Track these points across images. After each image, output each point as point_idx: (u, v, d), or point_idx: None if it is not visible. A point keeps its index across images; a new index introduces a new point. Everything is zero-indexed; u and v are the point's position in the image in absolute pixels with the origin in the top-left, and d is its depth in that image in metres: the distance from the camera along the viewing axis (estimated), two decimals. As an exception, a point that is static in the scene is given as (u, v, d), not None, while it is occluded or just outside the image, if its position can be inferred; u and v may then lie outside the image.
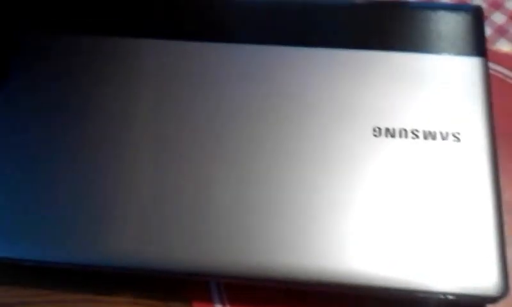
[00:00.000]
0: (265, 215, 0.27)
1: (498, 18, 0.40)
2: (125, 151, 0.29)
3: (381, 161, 0.28)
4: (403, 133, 0.29)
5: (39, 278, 0.32)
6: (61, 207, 0.28)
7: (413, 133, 0.29)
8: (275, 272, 0.27)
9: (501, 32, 0.39)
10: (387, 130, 0.29)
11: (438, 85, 0.30)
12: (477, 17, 0.33)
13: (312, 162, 0.28)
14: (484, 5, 0.40)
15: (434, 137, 0.29)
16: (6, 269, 0.32)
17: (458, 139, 0.29)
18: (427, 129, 0.29)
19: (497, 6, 0.40)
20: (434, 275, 0.26)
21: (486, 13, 0.40)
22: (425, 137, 0.29)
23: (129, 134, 0.30)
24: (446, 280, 0.26)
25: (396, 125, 0.29)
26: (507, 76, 0.37)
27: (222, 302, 0.31)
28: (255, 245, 0.27)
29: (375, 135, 0.29)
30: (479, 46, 0.31)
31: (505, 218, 0.28)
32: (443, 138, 0.29)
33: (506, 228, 0.27)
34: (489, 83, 0.30)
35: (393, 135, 0.29)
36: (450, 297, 0.26)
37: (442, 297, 0.26)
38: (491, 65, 0.37)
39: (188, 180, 0.28)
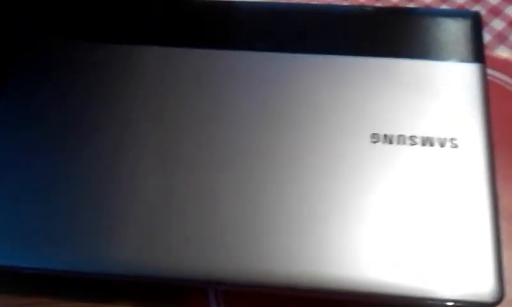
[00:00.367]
0: (263, 222, 0.27)
1: (497, 24, 0.40)
2: (128, 157, 0.29)
3: (379, 168, 0.28)
4: (401, 139, 0.29)
5: (39, 286, 0.32)
6: (61, 214, 0.28)
7: (411, 139, 0.29)
8: (275, 279, 0.27)
9: (500, 38, 0.39)
10: (385, 136, 0.29)
11: (436, 91, 0.30)
12: (476, 23, 0.32)
13: (309, 168, 0.28)
14: (483, 11, 0.40)
15: (432, 144, 0.29)
16: (6, 277, 0.32)
17: (456, 146, 0.29)
18: (425, 135, 0.29)
19: (497, 13, 0.40)
20: (430, 282, 0.26)
21: (485, 20, 0.40)
22: (423, 144, 0.29)
23: (133, 140, 0.30)
24: (442, 286, 0.26)
25: (394, 131, 0.29)
26: (506, 82, 0.37)
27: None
28: (256, 253, 0.27)
29: (373, 142, 0.29)
30: (477, 52, 0.31)
31: (503, 224, 0.27)
32: (441, 144, 0.29)
33: (504, 233, 0.27)
34: (488, 89, 0.30)
35: (391, 142, 0.29)
36: (447, 304, 0.26)
37: (439, 303, 0.26)
38: (491, 72, 0.37)
39: (191, 187, 0.28)
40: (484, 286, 0.25)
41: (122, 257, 0.27)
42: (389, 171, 0.28)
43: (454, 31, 0.32)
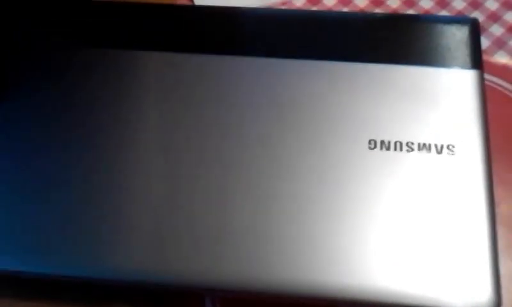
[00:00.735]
0: (260, 228, 0.27)
1: (496, 30, 0.40)
2: (131, 164, 0.29)
3: (376, 175, 0.28)
4: (398, 146, 0.29)
5: (39, 290, 0.32)
6: (62, 219, 0.28)
7: (407, 146, 0.29)
8: (273, 286, 0.27)
9: (499, 44, 0.39)
10: (382, 142, 0.29)
11: (434, 97, 0.30)
12: (474, 29, 0.32)
13: (305, 174, 0.28)
14: (482, 17, 0.40)
15: (428, 150, 0.29)
16: (6, 281, 0.32)
17: (453, 152, 0.29)
18: (422, 142, 0.29)
19: (496, 19, 0.40)
20: (427, 290, 0.26)
21: (484, 25, 0.40)
22: (420, 150, 0.29)
23: (136, 145, 0.30)
24: (439, 294, 0.26)
25: (391, 138, 0.29)
26: (505, 88, 0.37)
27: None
28: (256, 260, 0.27)
29: (370, 148, 0.29)
30: (475, 58, 0.31)
31: (502, 230, 0.27)
32: (438, 151, 0.29)
33: (503, 240, 0.27)
34: (485, 96, 0.30)
35: (388, 148, 0.29)
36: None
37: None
38: (489, 77, 0.37)
39: (190, 195, 0.28)
40: (481, 294, 0.25)
41: (121, 263, 0.27)
42: (386, 178, 0.28)
43: (451, 38, 0.32)
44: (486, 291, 0.25)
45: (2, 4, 0.34)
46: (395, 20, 0.34)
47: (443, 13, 0.41)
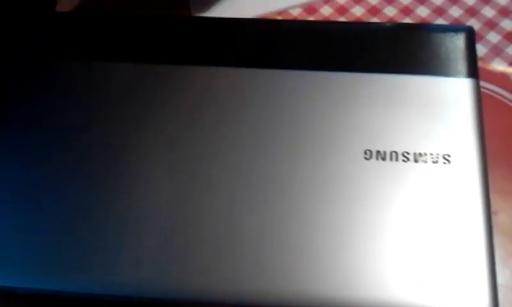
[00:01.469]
0: (253, 242, 0.27)
1: (493, 37, 0.40)
2: (140, 177, 0.29)
3: (372, 185, 0.28)
4: (394, 156, 0.29)
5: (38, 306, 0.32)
6: (62, 233, 0.28)
7: (403, 155, 0.29)
8: (271, 300, 0.27)
9: (496, 51, 0.39)
10: (378, 152, 0.29)
11: (429, 106, 0.30)
12: (469, 38, 0.32)
13: (303, 187, 0.28)
14: (479, 25, 0.40)
15: (425, 160, 0.29)
16: (4, 298, 0.32)
17: (449, 162, 0.28)
18: (417, 152, 0.29)
19: (492, 26, 0.40)
20: (422, 299, 0.26)
21: (481, 33, 0.40)
22: (416, 160, 0.29)
23: (145, 159, 0.30)
24: (435, 303, 0.26)
25: (387, 148, 0.29)
26: (502, 95, 0.37)
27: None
28: (253, 274, 0.27)
29: (366, 158, 0.29)
30: (470, 67, 0.31)
31: (501, 239, 0.27)
32: (434, 161, 0.29)
33: (502, 249, 0.27)
34: (481, 104, 0.30)
35: (384, 158, 0.29)
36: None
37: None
38: (486, 85, 0.37)
39: (188, 208, 0.28)
40: (478, 303, 0.25)
41: (126, 279, 0.27)
42: (382, 188, 0.28)
43: (446, 46, 0.32)
44: (483, 301, 0.25)
45: (2, 4, 0.34)
46: (390, 30, 0.34)
47: (440, 20, 0.41)
